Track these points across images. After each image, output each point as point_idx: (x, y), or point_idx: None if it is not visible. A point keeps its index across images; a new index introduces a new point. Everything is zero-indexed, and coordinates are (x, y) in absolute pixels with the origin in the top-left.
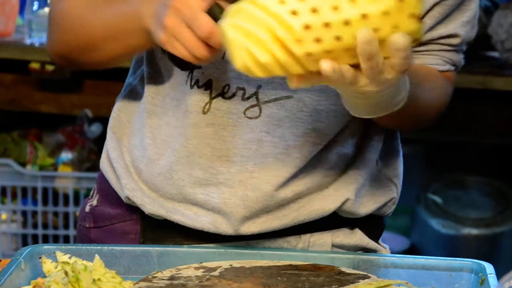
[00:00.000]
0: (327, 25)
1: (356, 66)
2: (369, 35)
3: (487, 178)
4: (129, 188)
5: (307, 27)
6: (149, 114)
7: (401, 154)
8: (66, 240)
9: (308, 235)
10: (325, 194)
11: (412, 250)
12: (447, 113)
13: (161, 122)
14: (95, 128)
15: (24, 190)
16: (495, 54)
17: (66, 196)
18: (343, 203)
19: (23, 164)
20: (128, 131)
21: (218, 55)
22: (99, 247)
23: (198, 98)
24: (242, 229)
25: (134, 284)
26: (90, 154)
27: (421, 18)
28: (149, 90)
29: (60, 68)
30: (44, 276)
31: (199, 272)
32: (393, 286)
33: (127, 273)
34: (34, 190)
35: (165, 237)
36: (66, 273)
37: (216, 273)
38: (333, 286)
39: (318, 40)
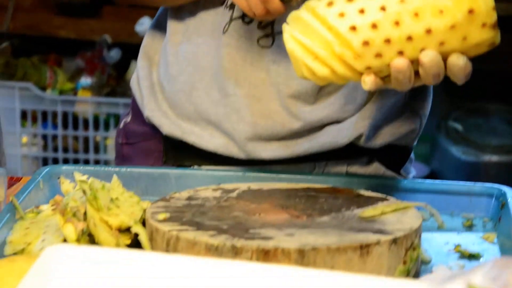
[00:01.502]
0: (388, 41)
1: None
2: (435, 59)
3: (507, 106)
4: (149, 108)
5: (366, 43)
6: (173, 31)
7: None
8: (86, 164)
9: (322, 163)
10: (340, 128)
11: (432, 177)
12: None
13: (183, 39)
14: (114, 54)
15: (44, 114)
16: None
17: (85, 121)
18: (357, 138)
19: (43, 88)
20: (159, 49)
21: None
22: (117, 169)
23: (222, 18)
24: (253, 154)
25: (151, 204)
26: (109, 79)
27: (495, 24)
28: (175, 7)
29: None
30: (62, 196)
31: (217, 193)
32: (412, 208)
33: (144, 195)
34: (54, 114)
35: (184, 157)
36: (84, 191)
37: (233, 194)
38: (351, 207)
39: (378, 55)
